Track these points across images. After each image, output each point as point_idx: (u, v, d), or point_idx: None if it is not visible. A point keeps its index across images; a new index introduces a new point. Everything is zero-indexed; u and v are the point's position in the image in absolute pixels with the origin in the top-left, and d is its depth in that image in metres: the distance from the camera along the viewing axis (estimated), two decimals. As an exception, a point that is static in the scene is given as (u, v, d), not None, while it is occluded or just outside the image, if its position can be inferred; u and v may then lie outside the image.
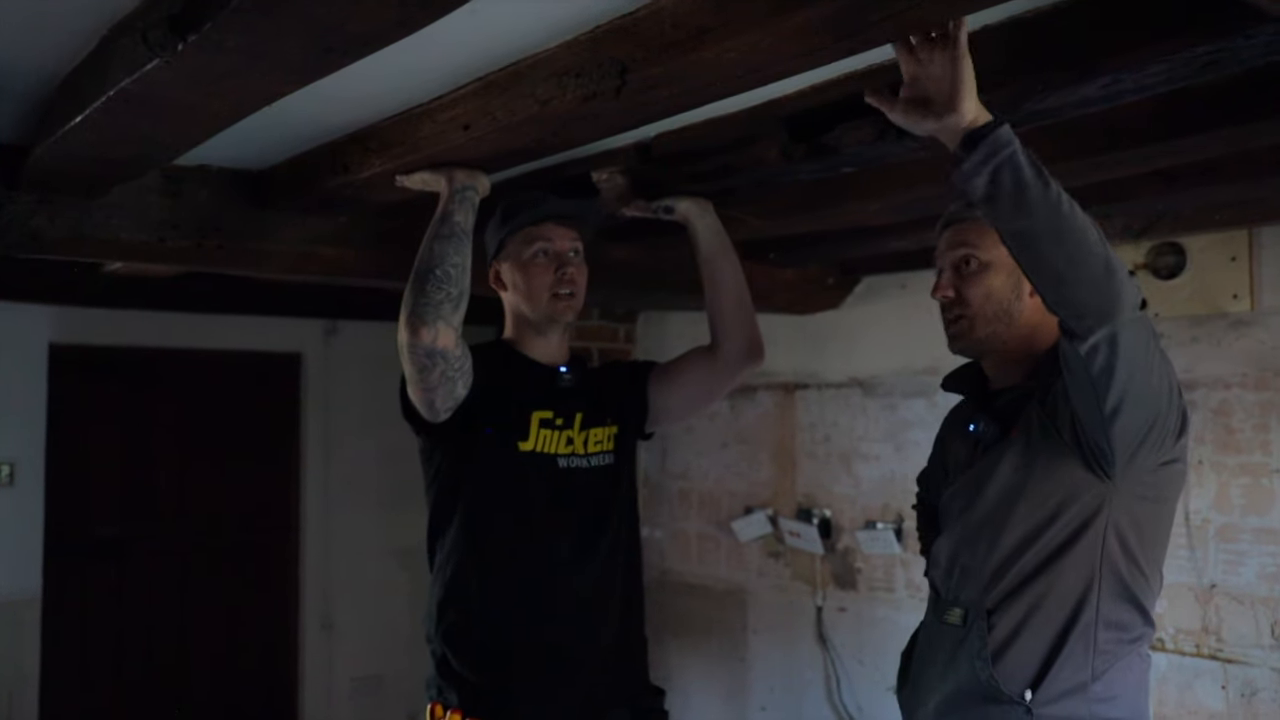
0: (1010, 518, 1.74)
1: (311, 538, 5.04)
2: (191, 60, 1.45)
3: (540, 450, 2.18)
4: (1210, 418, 2.99)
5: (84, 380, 4.56)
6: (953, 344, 1.89)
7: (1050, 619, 1.71)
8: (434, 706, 2.14)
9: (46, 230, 2.36)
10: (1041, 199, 1.52)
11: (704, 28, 1.48)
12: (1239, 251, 2.92)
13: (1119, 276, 1.55)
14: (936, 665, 1.83)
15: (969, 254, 1.85)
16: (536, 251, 2.18)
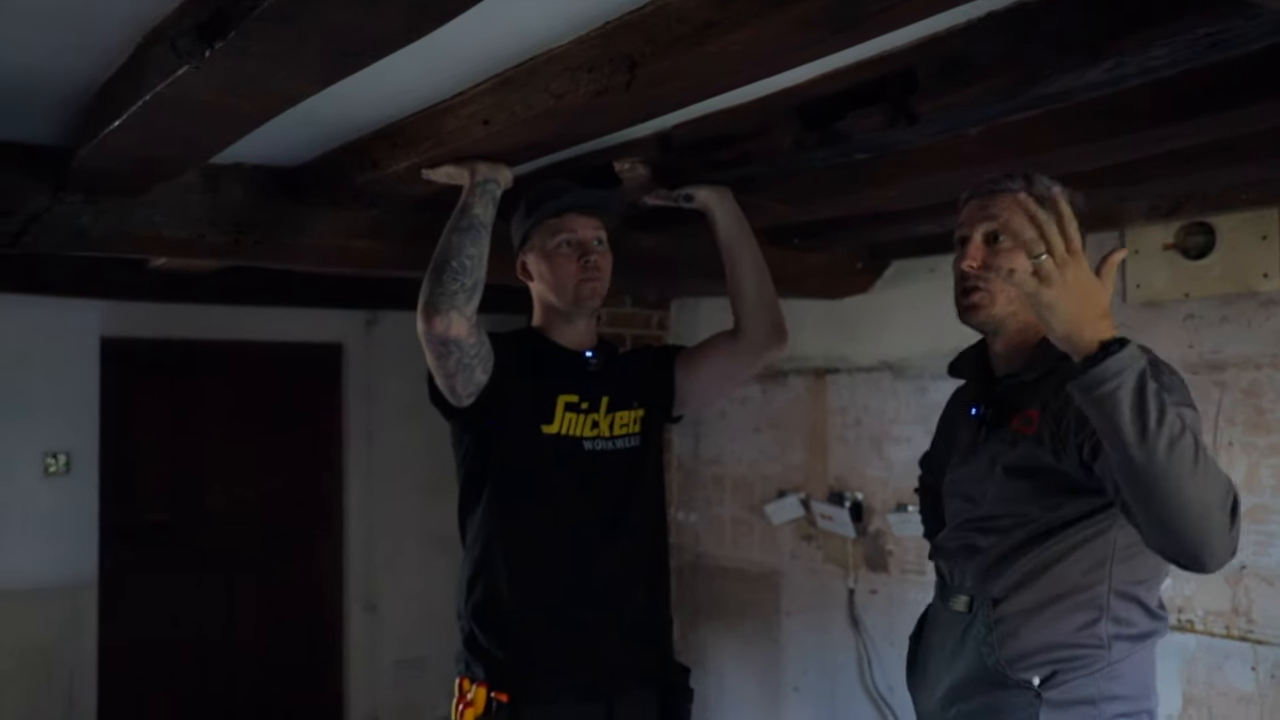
0: (1018, 510, 1.75)
1: (355, 523, 5.13)
2: (219, 65, 1.51)
3: (565, 433, 2.22)
4: (1240, 398, 2.97)
5: (134, 372, 4.66)
6: (967, 315, 1.84)
7: (1058, 610, 1.71)
8: (462, 680, 2.20)
9: (92, 228, 2.45)
10: (1164, 432, 1.41)
11: (708, 22, 1.53)
12: (1269, 230, 2.89)
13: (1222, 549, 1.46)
14: (944, 651, 1.84)
15: (996, 228, 1.81)
16: (560, 242, 2.23)
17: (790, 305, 4.11)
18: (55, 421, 4.40)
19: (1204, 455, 1.44)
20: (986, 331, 1.88)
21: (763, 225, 3.20)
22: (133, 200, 2.44)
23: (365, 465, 5.14)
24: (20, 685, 4.28)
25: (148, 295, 4.16)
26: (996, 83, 1.79)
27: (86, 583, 4.44)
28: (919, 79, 1.86)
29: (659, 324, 4.78)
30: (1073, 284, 1.47)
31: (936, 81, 1.84)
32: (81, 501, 4.45)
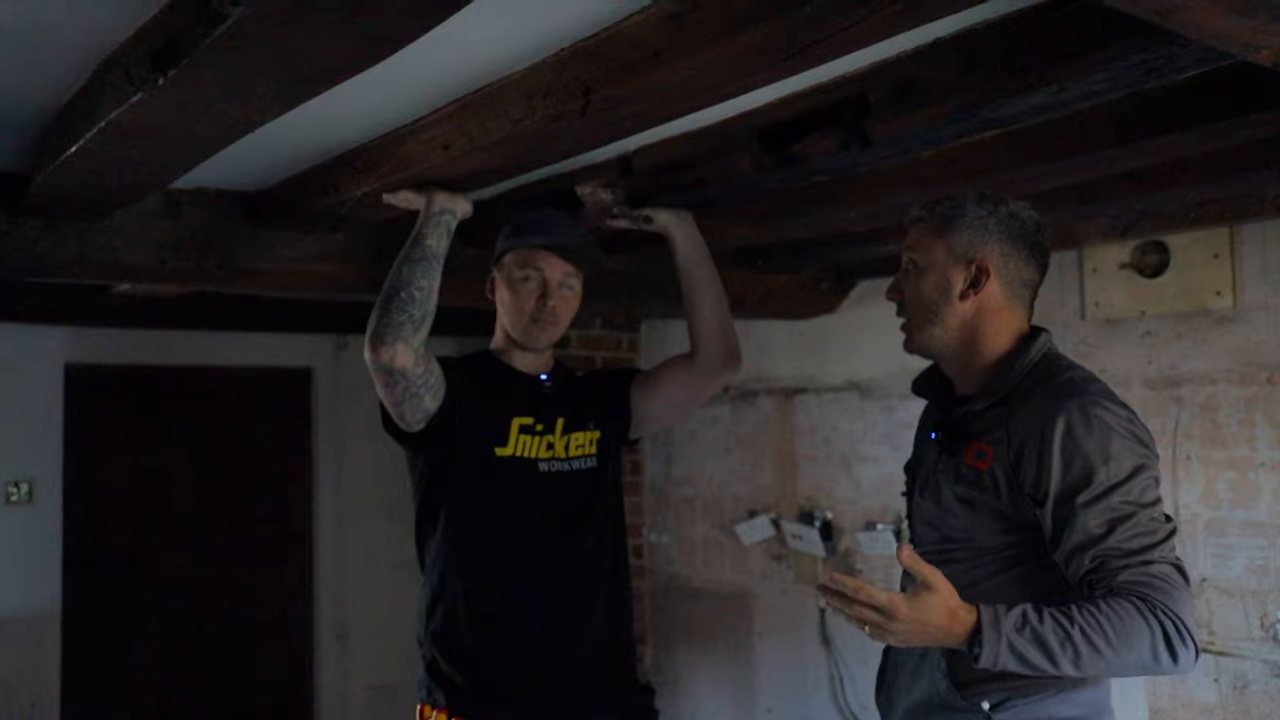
0: (972, 540, 1.77)
1: (324, 549, 5.11)
2: (173, 93, 1.52)
3: (520, 455, 2.24)
4: (1197, 413, 3.01)
5: (99, 398, 4.65)
6: (904, 345, 1.92)
7: None
8: (423, 707, 2.21)
9: (51, 254, 2.44)
10: (1067, 658, 1.52)
11: (658, 50, 1.55)
12: (1221, 249, 2.95)
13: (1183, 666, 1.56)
14: (905, 673, 1.86)
15: (911, 257, 1.89)
16: (528, 275, 2.25)
17: (758, 326, 4.18)
18: (18, 449, 4.37)
19: (1115, 632, 1.50)
20: (924, 356, 1.93)
21: (726, 247, 3.24)
22: (93, 226, 2.44)
23: (335, 491, 5.13)
24: (-18, 719, 4.24)
25: (113, 321, 4.15)
26: (946, 106, 1.82)
27: (49, 613, 4.40)
28: (871, 103, 1.90)
29: (629, 346, 4.79)
30: (905, 626, 1.54)
31: (888, 105, 1.88)
32: (44, 530, 4.42)
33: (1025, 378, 1.77)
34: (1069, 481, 1.61)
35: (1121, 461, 1.61)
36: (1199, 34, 1.16)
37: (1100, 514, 1.58)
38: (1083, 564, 1.59)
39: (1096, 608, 1.53)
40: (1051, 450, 1.63)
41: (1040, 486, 1.64)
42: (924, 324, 1.86)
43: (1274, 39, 1.15)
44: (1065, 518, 1.61)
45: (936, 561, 1.78)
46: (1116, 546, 1.56)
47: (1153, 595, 1.53)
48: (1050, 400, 1.69)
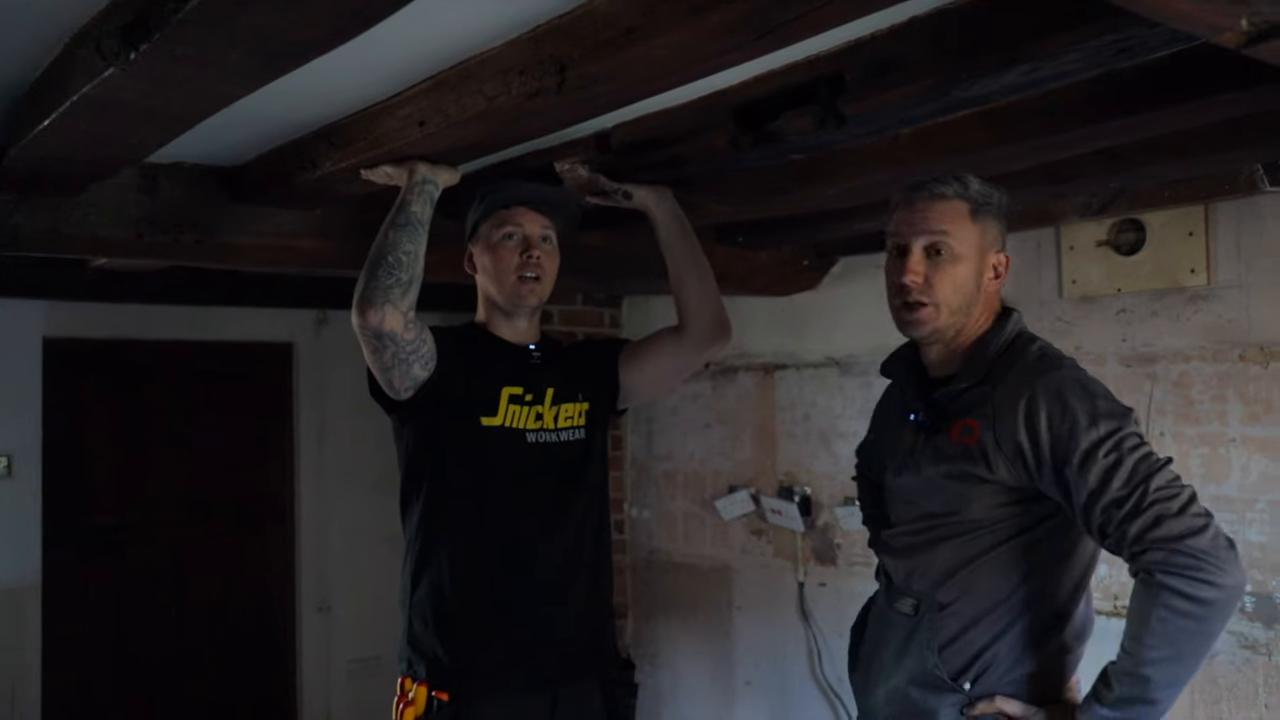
0: (964, 516, 1.79)
1: (307, 523, 5.11)
2: (145, 67, 1.52)
3: (508, 425, 2.24)
4: (1171, 390, 3.04)
5: (79, 373, 4.63)
6: (912, 328, 1.88)
7: (996, 616, 1.77)
8: (404, 680, 2.21)
9: (25, 228, 2.43)
10: (1168, 689, 1.64)
11: (632, 27, 1.55)
12: (1196, 227, 2.97)
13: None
14: (888, 652, 1.87)
15: (943, 241, 1.83)
16: (505, 234, 2.25)
17: (739, 302, 4.18)
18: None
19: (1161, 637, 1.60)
20: (928, 341, 1.91)
21: (706, 224, 3.24)
22: (68, 200, 2.43)
23: (317, 464, 5.12)
24: (-38, 692, 4.25)
25: (92, 295, 4.12)
26: (919, 85, 1.83)
27: (29, 585, 4.39)
28: (846, 82, 1.90)
29: (611, 321, 4.81)
30: None
31: (863, 84, 1.88)
32: (24, 504, 4.40)
33: (1002, 355, 1.83)
34: (1059, 448, 1.68)
35: (1101, 422, 1.68)
36: (1163, 16, 1.17)
37: (1094, 472, 1.64)
38: (1093, 518, 1.65)
39: (1131, 613, 1.63)
40: (1038, 422, 1.70)
41: (1037, 458, 1.70)
42: (955, 313, 1.84)
43: (1235, 21, 1.16)
44: (1066, 482, 1.68)
45: (922, 540, 1.85)
46: (1114, 495, 1.62)
47: (1159, 561, 1.59)
48: (1031, 376, 1.76)
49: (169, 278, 3.83)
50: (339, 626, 5.14)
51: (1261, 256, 2.89)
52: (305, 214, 2.74)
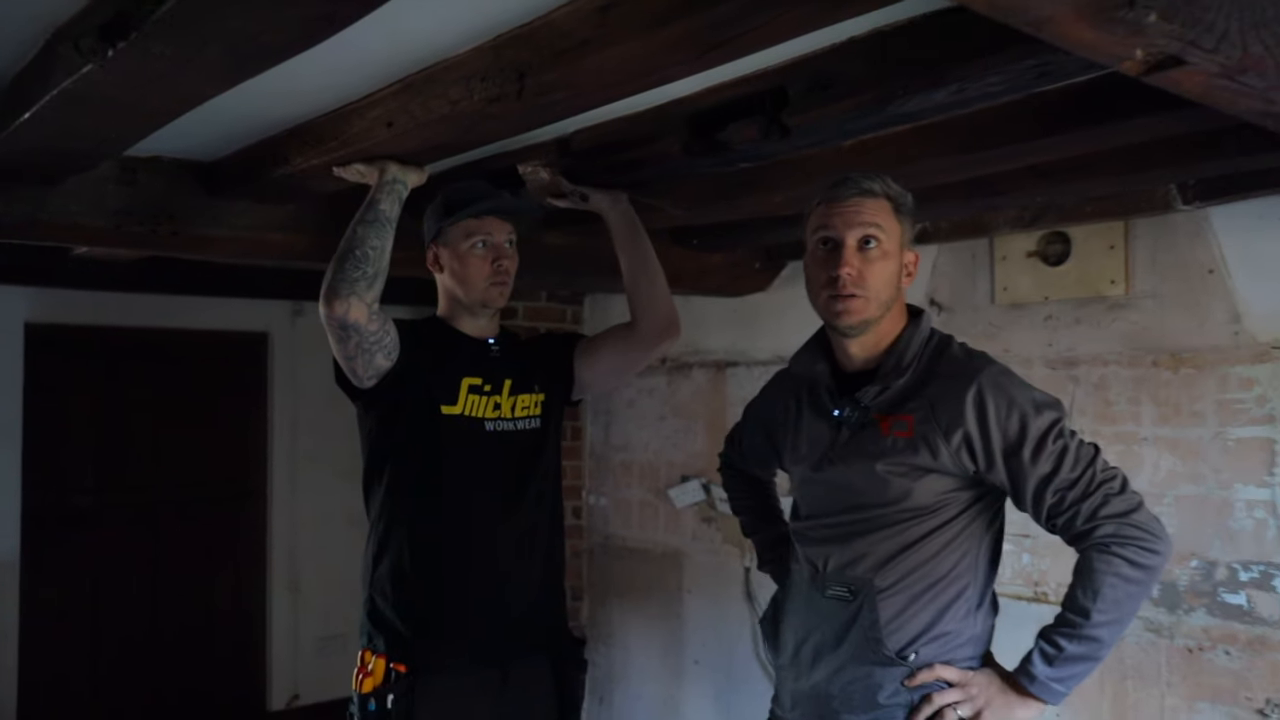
0: (907, 503, 1.79)
1: (278, 506, 5.10)
2: (122, 65, 1.51)
3: (467, 414, 2.25)
4: (1091, 391, 3.09)
5: (59, 358, 4.58)
6: (843, 319, 1.82)
7: (932, 595, 1.80)
8: (364, 653, 2.22)
9: (5, 216, 2.41)
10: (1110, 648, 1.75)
11: (587, 39, 1.57)
12: (1116, 241, 3.02)
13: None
14: (827, 637, 1.85)
15: (874, 235, 1.81)
16: (476, 243, 2.27)
17: (693, 302, 4.21)
18: (-23, 406, 4.32)
19: (1109, 600, 1.69)
20: (855, 334, 1.87)
21: (662, 227, 3.26)
22: (48, 189, 2.41)
23: (289, 450, 5.10)
24: (-57, 663, 4.21)
25: (74, 282, 4.10)
26: (857, 100, 1.86)
27: (7, 562, 4.36)
28: (790, 95, 1.93)
29: (573, 318, 4.82)
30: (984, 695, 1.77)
31: (805, 98, 1.91)
32: (4, 483, 4.37)
33: (923, 353, 1.85)
34: (1011, 438, 1.72)
35: (1045, 411, 1.74)
36: (1070, 45, 1.20)
37: (1046, 457, 1.70)
38: (1046, 501, 1.71)
39: (1077, 584, 1.72)
40: (988, 414, 1.72)
41: (986, 448, 1.73)
42: (883, 305, 1.82)
43: (1132, 51, 1.19)
44: (1017, 469, 1.72)
45: (854, 530, 1.84)
46: (1067, 478, 1.69)
47: (1111, 534, 1.68)
48: (969, 371, 1.79)
49: (149, 267, 3.80)
50: (307, 605, 5.12)
51: (1174, 270, 2.94)
52: (278, 209, 2.73)
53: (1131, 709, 3.02)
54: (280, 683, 5.10)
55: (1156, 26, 1.13)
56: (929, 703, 1.75)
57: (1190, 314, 2.92)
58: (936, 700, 1.75)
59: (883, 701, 1.78)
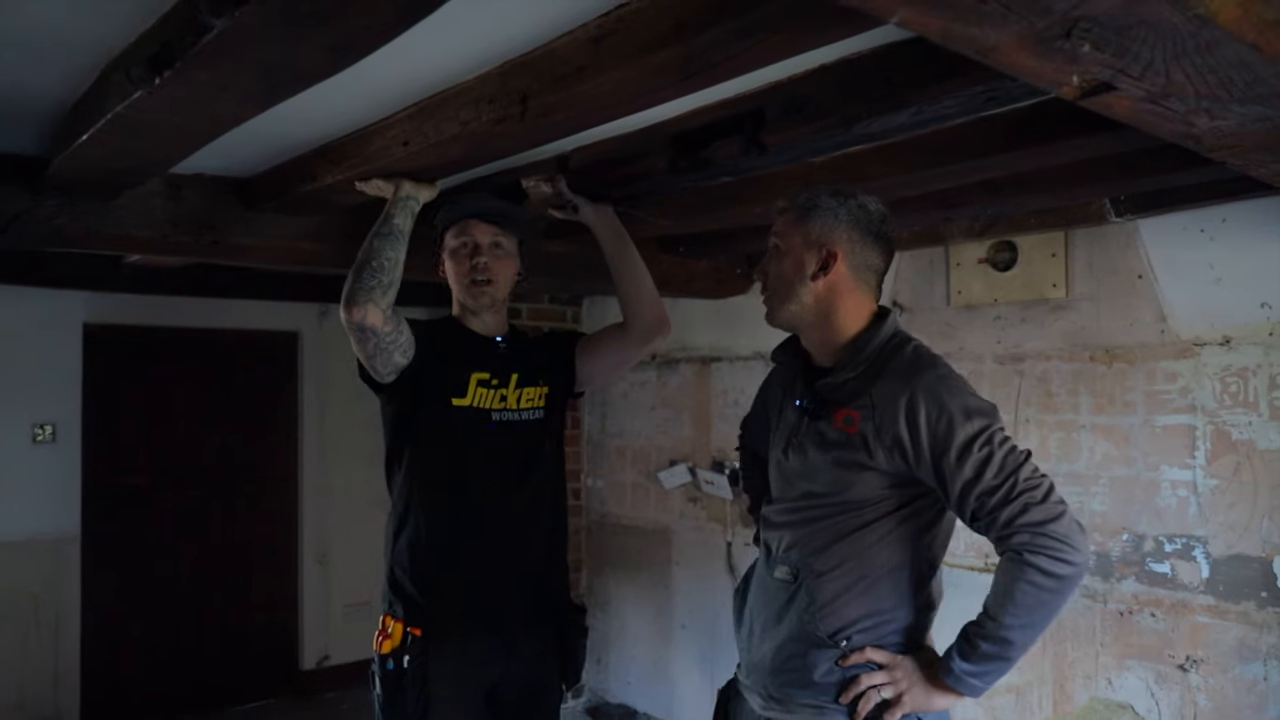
0: (842, 496, 1.73)
1: (308, 487, 5.08)
2: (168, 91, 1.52)
3: (476, 405, 2.24)
4: (1035, 384, 3.10)
5: (114, 355, 4.57)
6: (766, 317, 1.86)
7: (868, 584, 1.72)
8: (385, 618, 2.22)
9: (67, 228, 2.42)
10: (1023, 650, 1.63)
11: (583, 65, 1.58)
12: (1057, 249, 3.03)
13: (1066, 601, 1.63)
14: (770, 614, 1.80)
15: (775, 242, 1.84)
16: (459, 244, 2.27)
17: (681, 304, 4.21)
18: (43, 397, 4.31)
19: (1021, 605, 1.58)
20: (784, 329, 1.87)
21: (651, 236, 3.26)
22: (104, 204, 2.41)
23: (317, 438, 5.09)
24: (13, 625, 4.21)
25: (126, 287, 4.09)
26: (827, 122, 1.86)
27: (70, 536, 4.36)
28: (766, 116, 1.94)
29: (573, 317, 4.82)
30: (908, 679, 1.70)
31: (780, 119, 1.92)
32: (66, 466, 4.36)
33: (880, 352, 1.75)
34: (937, 443, 1.62)
35: (974, 418, 1.63)
36: (1015, 71, 1.20)
37: (970, 463, 1.59)
38: (967, 505, 1.61)
39: (994, 586, 1.62)
40: (918, 418, 1.63)
41: (915, 450, 1.64)
42: (783, 300, 1.81)
43: (1069, 77, 1.19)
44: (942, 472, 1.62)
45: (803, 516, 1.78)
46: (989, 484, 1.58)
47: (1026, 542, 1.57)
48: (909, 375, 1.69)
49: (191, 273, 3.80)
50: (336, 576, 5.11)
51: (1108, 275, 2.95)
52: (306, 220, 2.73)
53: (1070, 666, 3.03)
54: (311, 645, 5.09)
55: (1090, 55, 1.13)
56: (857, 683, 1.69)
57: (1122, 315, 2.92)
58: (863, 681, 1.69)
59: (817, 680, 1.72)
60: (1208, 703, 2.75)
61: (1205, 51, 1.14)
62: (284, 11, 1.23)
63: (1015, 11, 1.03)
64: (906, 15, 1.05)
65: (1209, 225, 2.75)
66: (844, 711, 1.71)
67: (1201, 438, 2.76)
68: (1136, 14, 1.04)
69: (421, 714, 2.13)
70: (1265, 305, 2.66)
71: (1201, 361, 2.76)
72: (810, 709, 1.73)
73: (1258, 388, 2.67)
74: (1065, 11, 1.03)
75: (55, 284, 4.10)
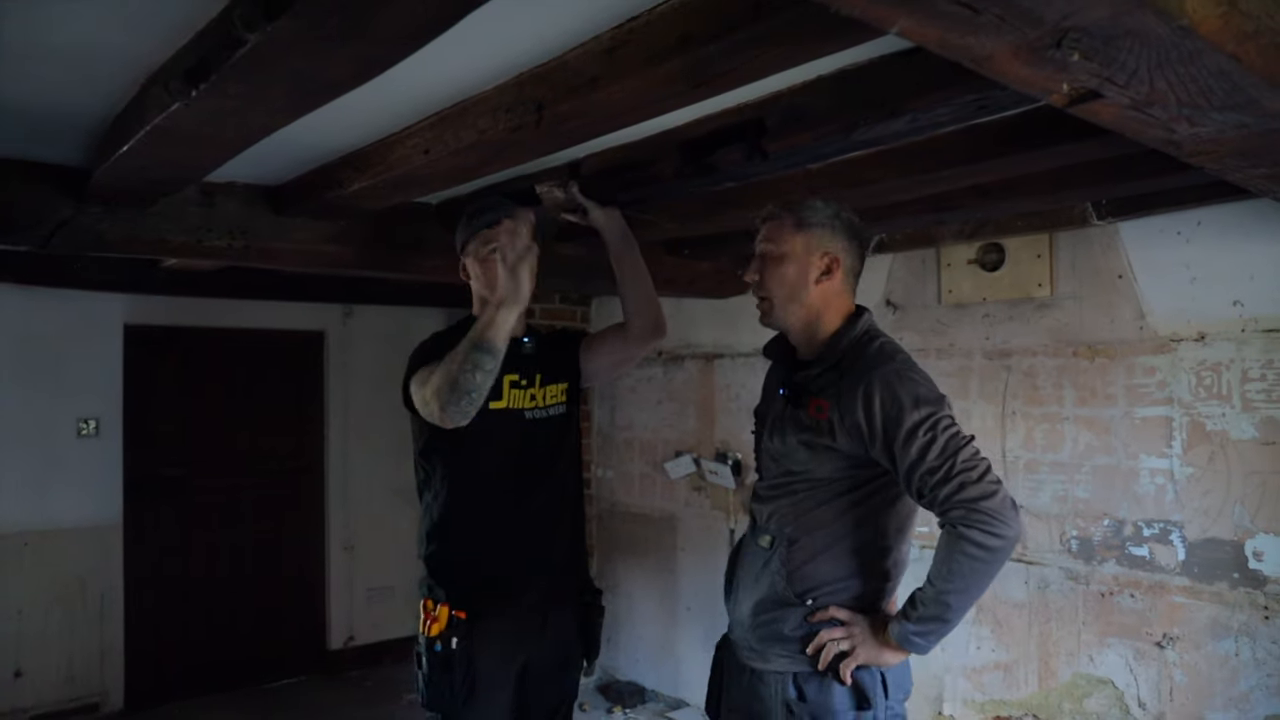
0: (812, 474, 1.81)
1: (334, 478, 5.08)
2: (204, 103, 1.50)
3: (511, 407, 2.20)
4: (1022, 378, 3.10)
5: (152, 353, 4.57)
6: (760, 320, 1.94)
7: (834, 553, 1.81)
8: (425, 601, 2.18)
9: (109, 233, 2.41)
10: (960, 612, 1.71)
11: (596, 76, 1.56)
12: (1043, 250, 3.02)
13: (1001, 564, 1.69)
14: (750, 577, 1.89)
15: (770, 248, 1.89)
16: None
17: (686, 303, 4.21)
18: (87, 393, 4.33)
19: (958, 572, 1.66)
20: (776, 329, 1.95)
21: (658, 239, 3.26)
22: (143, 210, 2.41)
23: (342, 431, 5.09)
24: (63, 607, 4.24)
25: (163, 290, 4.10)
26: (826, 129, 1.85)
27: (113, 524, 4.37)
28: (768, 125, 1.93)
29: (582, 317, 4.81)
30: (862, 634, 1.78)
31: (781, 127, 1.90)
32: (108, 458, 4.37)
33: (851, 347, 1.83)
34: (888, 427, 1.70)
35: (921, 407, 1.70)
36: (1006, 79, 1.19)
37: (915, 447, 1.67)
38: (913, 483, 1.69)
39: (936, 556, 1.70)
40: (873, 405, 1.71)
41: (871, 434, 1.72)
42: (785, 303, 1.88)
43: (1059, 85, 1.18)
44: (893, 454, 1.70)
45: (781, 491, 1.86)
46: (929, 465, 1.66)
47: (961, 516, 1.65)
48: (868, 367, 1.77)
49: (224, 276, 3.80)
50: (360, 561, 5.11)
51: (1090, 275, 2.94)
52: (332, 224, 2.72)
53: (1054, 644, 3.02)
54: (338, 626, 5.09)
55: (1079, 65, 1.12)
56: (818, 637, 1.78)
57: (1104, 313, 2.91)
58: (823, 635, 1.78)
59: (787, 634, 1.82)
60: (1183, 677, 2.74)
61: (1187, 61, 1.13)
62: (313, 26, 1.22)
63: (1009, 22, 1.02)
64: (906, 25, 1.04)
65: (1185, 228, 2.73)
66: (809, 661, 1.80)
67: (1178, 428, 2.75)
68: (1124, 25, 1.03)
69: (469, 690, 2.11)
70: (1238, 303, 2.65)
71: (1178, 356, 2.75)
72: (783, 658, 1.83)
73: (1230, 381, 2.65)
74: (1056, 22, 1.03)
75: (97, 287, 4.10)
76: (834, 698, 1.78)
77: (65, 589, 4.24)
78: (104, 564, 4.34)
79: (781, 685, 1.82)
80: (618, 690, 4.53)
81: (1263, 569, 2.60)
